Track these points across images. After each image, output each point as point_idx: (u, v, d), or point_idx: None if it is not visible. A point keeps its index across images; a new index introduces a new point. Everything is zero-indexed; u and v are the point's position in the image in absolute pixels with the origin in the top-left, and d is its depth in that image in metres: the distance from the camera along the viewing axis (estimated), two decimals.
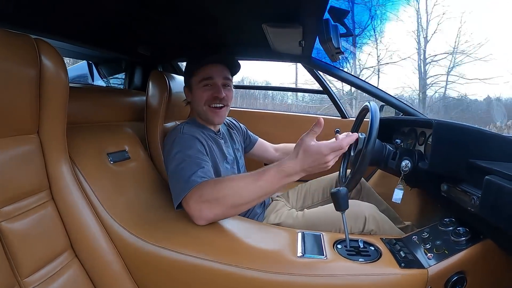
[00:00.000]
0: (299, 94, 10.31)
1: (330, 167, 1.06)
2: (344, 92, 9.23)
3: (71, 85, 0.97)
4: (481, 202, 0.99)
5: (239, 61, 1.52)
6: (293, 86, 9.50)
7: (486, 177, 0.96)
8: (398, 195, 1.38)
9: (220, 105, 1.43)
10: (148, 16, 1.27)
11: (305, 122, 2.51)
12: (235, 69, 1.52)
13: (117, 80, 2.50)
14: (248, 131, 1.87)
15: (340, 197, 1.07)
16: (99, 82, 2.47)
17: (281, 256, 1.04)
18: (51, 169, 0.96)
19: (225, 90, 1.43)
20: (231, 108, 1.54)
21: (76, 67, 2.61)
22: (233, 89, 1.52)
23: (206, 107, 1.42)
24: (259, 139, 1.91)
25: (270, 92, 10.10)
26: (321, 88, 2.46)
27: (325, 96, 2.46)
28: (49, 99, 0.91)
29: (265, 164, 2.36)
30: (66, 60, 2.27)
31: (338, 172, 1.73)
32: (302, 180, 2.41)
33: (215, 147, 1.42)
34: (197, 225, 1.14)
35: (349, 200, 1.44)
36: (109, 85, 2.48)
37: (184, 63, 2.44)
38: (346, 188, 1.09)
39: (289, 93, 10.68)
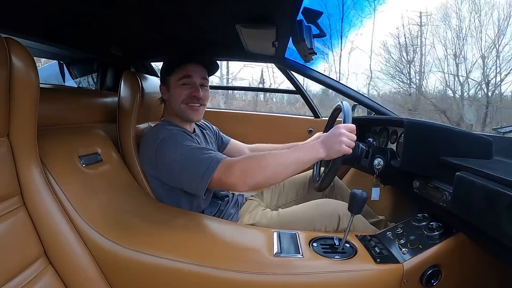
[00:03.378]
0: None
1: (344, 145, 1.16)
2: None
3: (41, 86, 0.94)
4: (452, 197, 1.02)
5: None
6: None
7: (457, 173, 0.99)
8: (376, 193, 1.41)
9: (198, 104, 1.45)
10: (120, 15, 1.26)
11: (279, 121, 2.54)
12: (213, 70, 1.55)
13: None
14: (220, 132, 1.88)
15: (357, 200, 1.08)
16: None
17: (257, 256, 1.05)
18: (22, 174, 0.93)
19: (202, 90, 1.45)
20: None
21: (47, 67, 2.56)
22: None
23: (184, 105, 1.43)
24: (232, 140, 1.92)
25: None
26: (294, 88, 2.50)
27: None
28: (19, 101, 0.88)
29: None
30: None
31: (312, 170, 1.75)
32: None
33: None
34: (172, 228, 1.14)
35: (323, 199, 1.46)
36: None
37: (158, 64, 2.42)
38: (366, 194, 1.10)
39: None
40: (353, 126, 1.21)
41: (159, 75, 2.08)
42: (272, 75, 9.79)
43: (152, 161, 1.32)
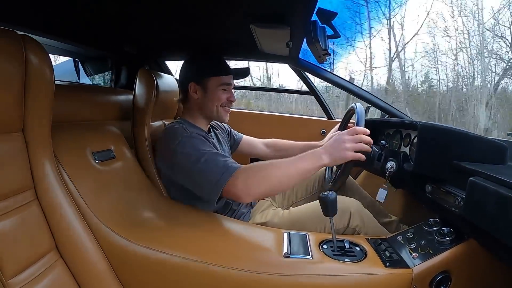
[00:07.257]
0: None
1: (349, 152, 1.15)
2: None
3: (56, 82, 0.95)
4: (465, 203, 1.01)
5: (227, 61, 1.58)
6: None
7: (470, 178, 0.98)
8: (382, 194, 1.41)
9: (229, 107, 1.56)
10: (133, 14, 1.27)
11: (292, 122, 2.53)
12: None
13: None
14: (232, 130, 1.89)
15: (328, 202, 1.07)
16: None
17: (267, 256, 1.05)
18: (35, 168, 0.94)
19: None
20: None
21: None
22: None
23: (221, 108, 1.51)
24: (244, 136, 1.93)
25: None
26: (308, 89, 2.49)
27: None
28: (35, 97, 0.89)
29: (251, 159, 2.34)
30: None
31: (322, 169, 1.74)
32: None
33: None
34: (182, 226, 1.15)
35: None
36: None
37: (171, 62, 2.42)
38: (335, 193, 1.09)
39: None
40: (362, 129, 1.19)
41: (172, 73, 2.08)
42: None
43: (168, 161, 1.34)
